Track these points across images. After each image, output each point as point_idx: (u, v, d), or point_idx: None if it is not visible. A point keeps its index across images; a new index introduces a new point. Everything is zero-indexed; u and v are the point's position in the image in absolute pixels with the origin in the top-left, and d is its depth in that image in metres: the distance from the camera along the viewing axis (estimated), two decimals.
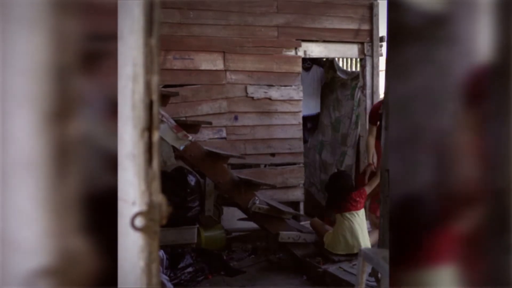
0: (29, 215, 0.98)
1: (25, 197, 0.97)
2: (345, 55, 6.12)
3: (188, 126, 4.60)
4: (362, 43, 5.80)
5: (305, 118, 5.95)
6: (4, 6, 0.95)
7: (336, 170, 4.88)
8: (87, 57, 1.01)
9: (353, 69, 6.87)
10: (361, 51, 5.82)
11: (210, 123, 4.89)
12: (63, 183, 0.98)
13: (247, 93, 5.36)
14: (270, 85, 5.45)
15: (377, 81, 5.83)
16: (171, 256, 4.27)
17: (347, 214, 4.28)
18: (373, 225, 4.71)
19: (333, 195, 4.44)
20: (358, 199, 4.32)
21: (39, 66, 0.96)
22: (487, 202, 1.61)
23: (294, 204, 5.54)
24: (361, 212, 4.32)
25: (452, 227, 1.62)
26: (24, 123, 0.96)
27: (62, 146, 0.98)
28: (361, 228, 4.27)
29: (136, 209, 1.01)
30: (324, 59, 6.55)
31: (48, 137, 0.97)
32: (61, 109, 0.97)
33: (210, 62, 5.23)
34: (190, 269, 4.24)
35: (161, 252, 4.07)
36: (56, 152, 0.97)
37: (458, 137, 1.64)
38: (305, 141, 6.10)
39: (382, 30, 5.73)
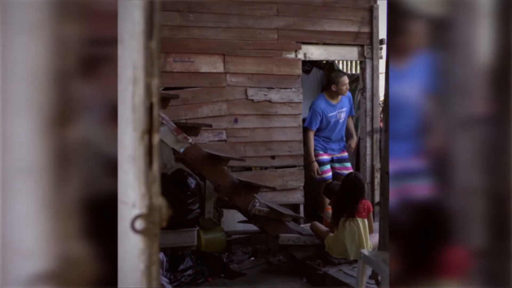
0: (29, 219, 0.98)
1: (26, 201, 0.97)
2: (345, 58, 6.13)
3: (188, 129, 4.60)
4: (362, 46, 5.81)
5: (305, 121, 5.94)
6: (5, 11, 0.96)
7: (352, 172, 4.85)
8: (87, 61, 1.01)
9: (353, 71, 6.88)
10: (361, 54, 5.83)
11: (210, 125, 4.89)
12: (63, 187, 0.99)
13: (247, 95, 5.37)
14: (270, 88, 5.45)
15: (377, 84, 5.83)
16: (171, 259, 4.26)
17: (352, 221, 4.26)
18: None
19: (346, 196, 4.39)
20: (365, 207, 4.31)
21: (39, 71, 0.96)
22: (488, 208, 1.61)
23: (294, 207, 5.54)
24: (365, 221, 4.30)
25: (455, 238, 1.62)
26: (24, 128, 0.96)
27: (62, 151, 0.98)
28: (363, 236, 4.25)
29: (136, 211, 1.01)
30: (324, 62, 6.55)
31: (48, 142, 0.97)
32: (61, 114, 0.97)
33: (210, 65, 5.23)
34: (190, 272, 4.24)
35: (161, 255, 4.07)
36: (56, 157, 0.98)
37: (457, 141, 1.64)
38: (305, 144, 6.10)
39: (382, 33, 5.74)
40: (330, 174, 5.45)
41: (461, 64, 1.61)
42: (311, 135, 5.42)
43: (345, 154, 5.61)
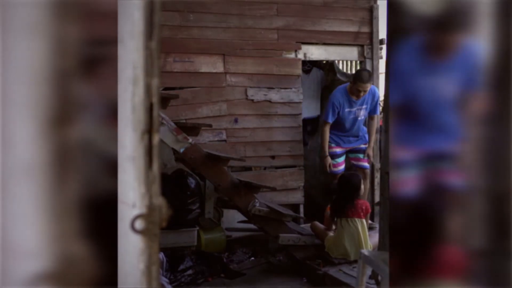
0: (29, 219, 0.98)
1: (26, 201, 0.97)
2: (345, 58, 6.12)
3: (188, 129, 4.60)
4: (362, 46, 5.81)
5: (305, 121, 5.95)
6: (5, 11, 0.96)
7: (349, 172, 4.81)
8: (87, 62, 1.01)
9: (353, 71, 6.87)
10: (361, 54, 5.83)
11: (210, 125, 4.89)
12: (63, 187, 0.99)
13: (247, 95, 5.37)
14: (270, 88, 5.45)
15: (377, 84, 5.83)
16: (171, 259, 4.27)
17: (350, 221, 4.26)
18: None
19: (342, 196, 4.38)
20: (364, 207, 4.31)
21: (39, 71, 0.97)
22: (487, 207, 1.61)
23: (294, 207, 5.54)
24: (364, 222, 4.30)
25: (454, 237, 1.62)
26: (24, 129, 0.96)
27: (62, 151, 0.98)
28: (362, 236, 4.25)
29: (136, 211, 1.01)
30: (324, 62, 6.55)
31: (48, 142, 0.97)
32: (61, 114, 0.97)
33: (210, 65, 5.23)
34: (190, 272, 4.24)
35: (161, 255, 4.07)
36: (56, 157, 0.98)
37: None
38: (305, 144, 6.10)
39: (382, 33, 5.74)
40: (341, 168, 5.23)
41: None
42: (327, 128, 5.10)
43: (362, 146, 5.28)
